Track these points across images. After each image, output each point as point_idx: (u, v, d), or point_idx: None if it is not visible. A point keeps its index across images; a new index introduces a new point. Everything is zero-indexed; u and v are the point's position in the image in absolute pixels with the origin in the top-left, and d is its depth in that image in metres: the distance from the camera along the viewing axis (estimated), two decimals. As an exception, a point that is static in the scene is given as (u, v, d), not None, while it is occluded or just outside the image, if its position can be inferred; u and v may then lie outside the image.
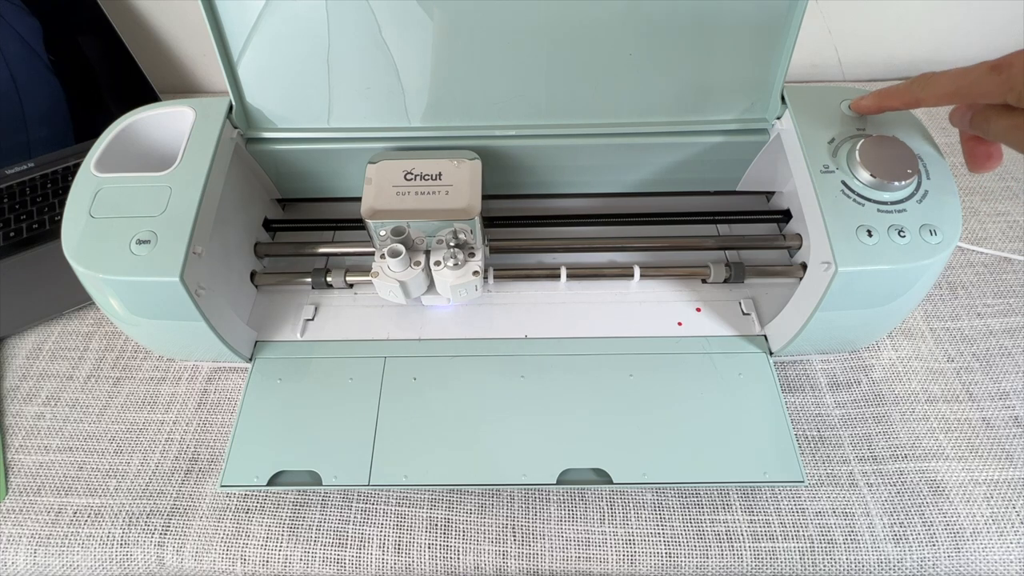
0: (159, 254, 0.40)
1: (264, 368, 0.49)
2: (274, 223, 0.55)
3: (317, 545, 0.43)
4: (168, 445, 0.48)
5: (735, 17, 0.43)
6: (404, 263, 0.46)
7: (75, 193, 0.44)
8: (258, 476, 0.43)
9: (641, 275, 0.51)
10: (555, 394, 0.46)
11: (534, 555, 0.42)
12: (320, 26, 0.44)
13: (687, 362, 0.48)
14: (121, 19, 0.67)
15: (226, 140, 0.47)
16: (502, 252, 0.53)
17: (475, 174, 0.46)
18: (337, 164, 0.51)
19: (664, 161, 0.51)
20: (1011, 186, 0.60)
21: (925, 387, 0.49)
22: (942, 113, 0.68)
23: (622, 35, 0.44)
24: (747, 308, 0.51)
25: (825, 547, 0.42)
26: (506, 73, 0.46)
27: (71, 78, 0.65)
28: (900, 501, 0.43)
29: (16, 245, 0.59)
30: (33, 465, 0.47)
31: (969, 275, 0.55)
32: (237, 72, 0.47)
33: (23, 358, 0.53)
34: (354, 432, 0.45)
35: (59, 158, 0.65)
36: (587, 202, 0.57)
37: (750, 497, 0.44)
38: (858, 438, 0.46)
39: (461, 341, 0.49)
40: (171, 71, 0.76)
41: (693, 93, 0.47)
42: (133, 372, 0.52)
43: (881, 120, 0.44)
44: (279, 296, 0.53)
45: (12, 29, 0.62)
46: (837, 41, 0.71)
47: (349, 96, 0.48)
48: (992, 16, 0.69)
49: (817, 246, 0.42)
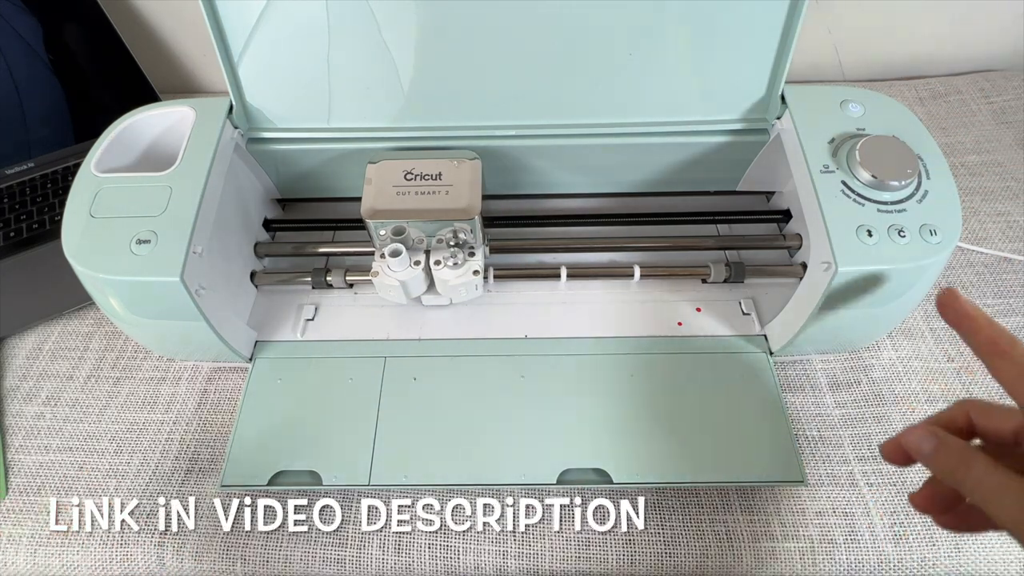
0: (159, 254, 0.40)
1: (264, 368, 0.49)
2: (274, 223, 0.55)
3: (317, 545, 0.43)
4: (168, 445, 0.48)
5: (735, 17, 0.43)
6: (404, 263, 0.46)
7: (75, 193, 0.44)
8: (258, 476, 0.43)
9: (641, 275, 0.51)
10: (555, 394, 0.46)
11: (534, 555, 0.42)
12: (320, 26, 0.44)
13: (687, 362, 0.48)
14: (121, 19, 0.67)
15: (226, 140, 0.47)
16: (502, 252, 0.53)
17: (475, 174, 0.46)
18: (337, 164, 0.51)
19: (664, 161, 0.51)
20: (1011, 186, 0.60)
21: (925, 387, 0.49)
22: (942, 113, 0.69)
23: (622, 35, 0.44)
24: (747, 308, 0.51)
25: (825, 547, 0.42)
26: (506, 73, 0.46)
27: (71, 78, 0.65)
28: (900, 501, 0.43)
29: (16, 245, 0.59)
30: (33, 465, 0.47)
31: (969, 275, 0.55)
32: (237, 72, 0.47)
33: (23, 358, 0.53)
34: (354, 432, 0.45)
35: (59, 158, 0.65)
36: (587, 202, 0.57)
37: (750, 497, 0.44)
38: (858, 438, 0.46)
39: (461, 341, 0.49)
40: (171, 71, 0.76)
41: (693, 93, 0.47)
42: (133, 372, 0.52)
43: (881, 120, 0.44)
44: (279, 296, 0.53)
45: (12, 29, 0.62)
46: (837, 41, 0.71)
47: (349, 96, 0.48)
48: (992, 16, 0.69)
49: (817, 246, 0.42)
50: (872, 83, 0.73)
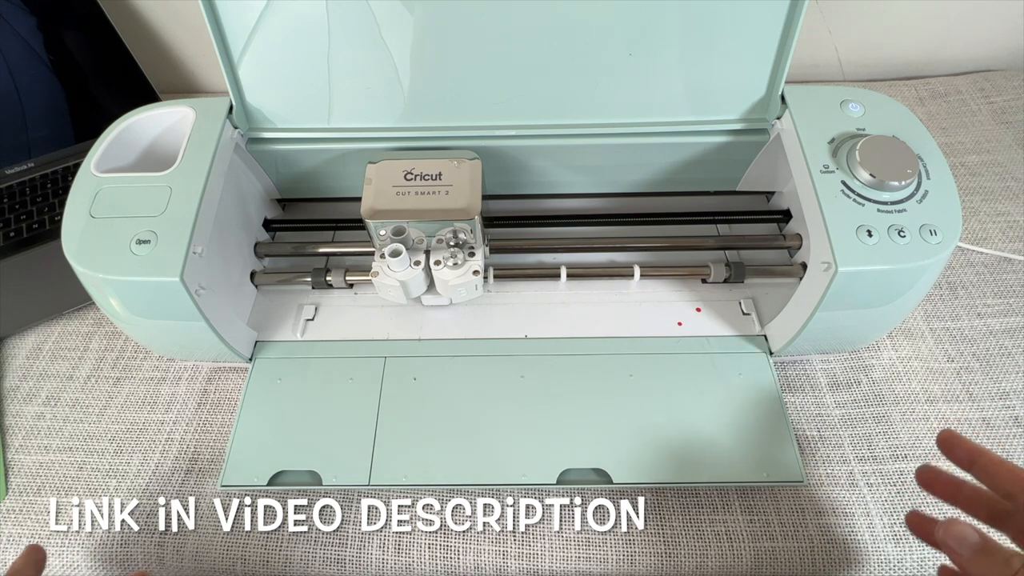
0: (159, 254, 0.40)
1: (264, 368, 0.49)
2: (274, 223, 0.55)
3: (317, 545, 0.43)
4: (168, 445, 0.48)
5: (735, 17, 0.43)
6: (404, 263, 0.46)
7: (75, 193, 0.44)
8: (258, 476, 0.43)
9: (641, 275, 0.51)
10: (555, 394, 0.46)
11: (534, 555, 0.42)
12: (320, 26, 0.44)
13: (687, 362, 0.48)
14: (121, 19, 0.67)
15: (226, 140, 0.46)
16: (502, 252, 0.53)
17: (475, 174, 0.46)
18: (337, 164, 0.51)
19: (664, 161, 0.51)
20: (1011, 186, 0.60)
21: (925, 387, 0.49)
22: (942, 113, 0.69)
23: (622, 35, 0.44)
24: (747, 308, 0.51)
25: (825, 547, 0.42)
26: (506, 73, 0.46)
27: (71, 78, 0.65)
28: (900, 501, 0.43)
29: (16, 245, 0.59)
30: (33, 465, 0.47)
31: (969, 275, 0.55)
32: (237, 72, 0.47)
33: (23, 358, 0.53)
34: (354, 432, 0.45)
35: (59, 158, 0.65)
36: (587, 202, 0.57)
37: (750, 497, 0.44)
38: (858, 438, 0.46)
39: (461, 341, 0.49)
40: (171, 71, 0.76)
41: (693, 93, 0.47)
42: (133, 372, 0.52)
43: (881, 120, 0.44)
44: (279, 296, 0.53)
45: (12, 29, 0.62)
46: (837, 41, 0.71)
47: (349, 96, 0.48)
48: (992, 16, 0.69)
49: (817, 246, 0.42)
50: (872, 83, 0.73)
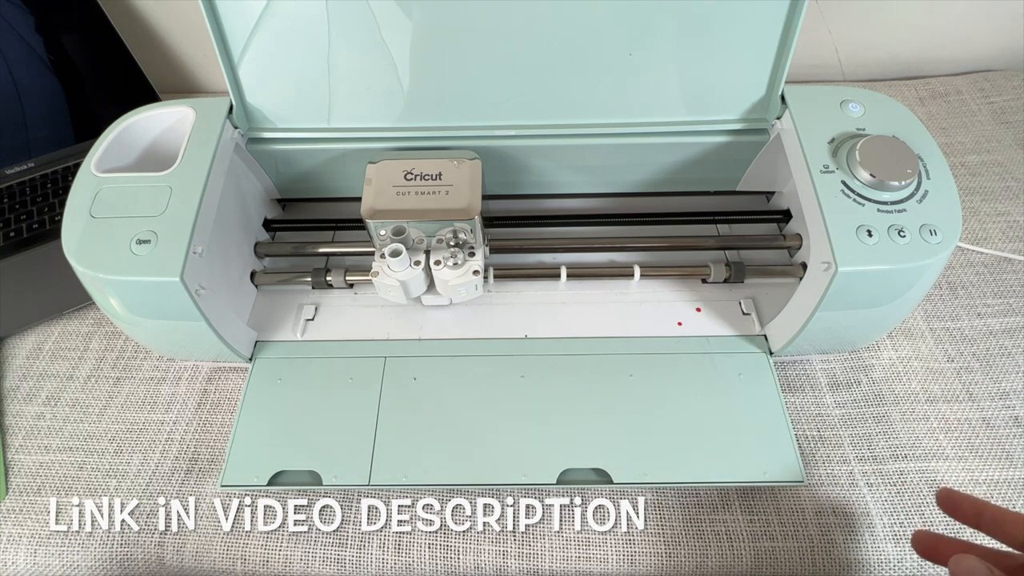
0: (159, 254, 0.40)
1: (264, 368, 0.49)
2: (274, 223, 0.55)
3: (317, 545, 0.43)
4: (168, 445, 0.48)
5: (735, 17, 0.43)
6: (404, 263, 0.46)
7: (75, 193, 0.44)
8: (258, 476, 0.43)
9: (641, 275, 0.51)
10: (555, 394, 0.46)
11: (534, 555, 0.42)
12: (320, 26, 0.44)
13: (687, 362, 0.48)
14: (121, 19, 0.67)
15: (226, 140, 0.46)
16: (502, 252, 0.53)
17: (475, 174, 0.46)
18: (337, 164, 0.51)
19: (664, 161, 0.51)
20: (1011, 186, 0.60)
21: (925, 387, 0.49)
22: (942, 113, 0.69)
23: (622, 35, 0.44)
24: (747, 308, 0.51)
25: (825, 547, 0.42)
26: (506, 73, 0.46)
27: (71, 78, 0.65)
28: (900, 501, 0.43)
29: (16, 245, 0.59)
30: (33, 465, 0.47)
31: (969, 275, 0.55)
32: (237, 72, 0.47)
33: (23, 358, 0.53)
34: (354, 432, 0.45)
35: (59, 158, 0.65)
36: (587, 202, 0.57)
37: (750, 497, 0.44)
38: (858, 438, 0.46)
39: (461, 341, 0.49)
40: (171, 71, 0.76)
41: (693, 93, 0.47)
42: (133, 372, 0.52)
43: (881, 120, 0.44)
44: (279, 296, 0.53)
45: (12, 29, 0.62)
46: (837, 41, 0.71)
47: (349, 96, 0.48)
48: (992, 16, 0.69)
49: (817, 246, 0.42)
50: (872, 83, 0.73)
